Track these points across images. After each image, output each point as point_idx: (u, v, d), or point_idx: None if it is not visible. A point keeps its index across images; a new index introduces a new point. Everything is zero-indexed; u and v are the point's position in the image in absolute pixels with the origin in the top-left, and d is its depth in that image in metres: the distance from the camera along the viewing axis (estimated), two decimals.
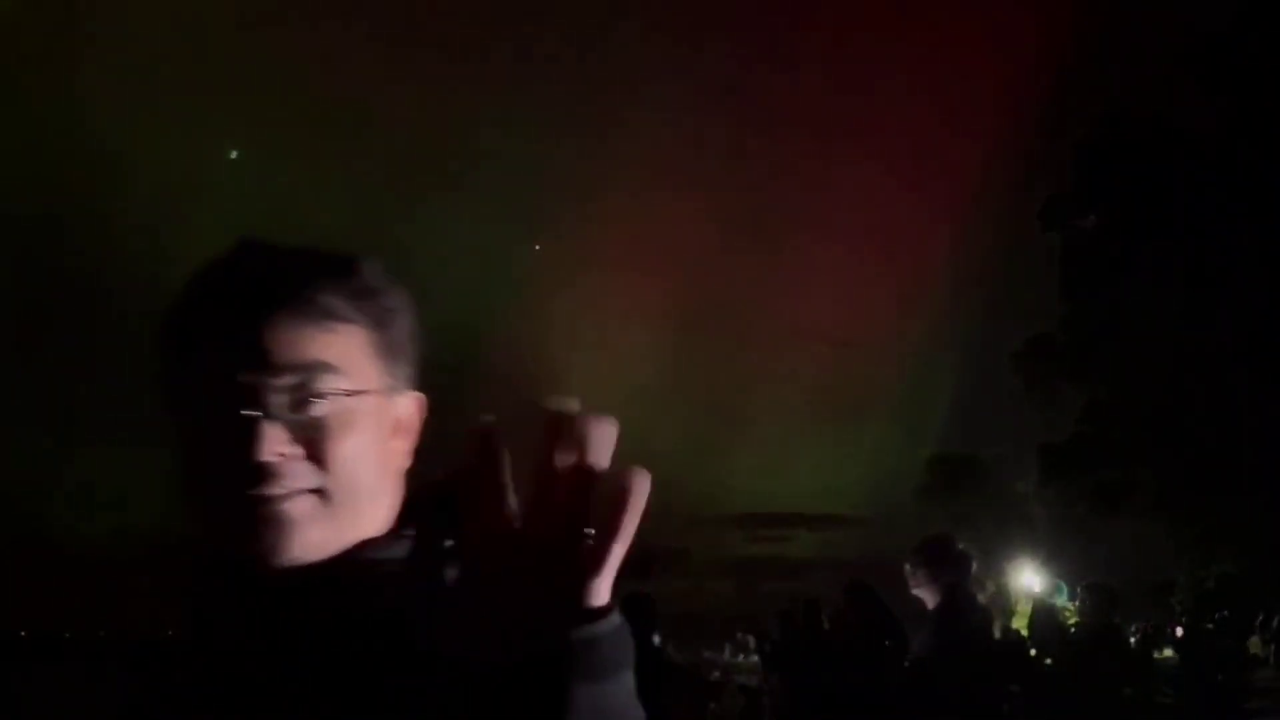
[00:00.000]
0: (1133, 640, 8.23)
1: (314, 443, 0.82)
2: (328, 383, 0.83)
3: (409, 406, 0.91)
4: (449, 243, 29.02)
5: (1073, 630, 7.13)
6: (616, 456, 0.61)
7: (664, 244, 30.83)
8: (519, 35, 29.81)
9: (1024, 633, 10.94)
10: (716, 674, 13.36)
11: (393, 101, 28.57)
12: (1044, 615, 9.44)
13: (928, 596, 3.41)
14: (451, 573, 0.67)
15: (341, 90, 27.83)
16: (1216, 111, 17.53)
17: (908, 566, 3.45)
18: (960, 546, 3.72)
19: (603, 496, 0.63)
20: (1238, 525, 15.93)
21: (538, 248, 32.08)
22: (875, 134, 29.42)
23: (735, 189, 31.30)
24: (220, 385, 0.80)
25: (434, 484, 0.68)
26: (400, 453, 0.89)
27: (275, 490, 0.80)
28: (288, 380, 0.82)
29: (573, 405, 0.63)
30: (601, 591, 0.64)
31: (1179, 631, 10.78)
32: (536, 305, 31.40)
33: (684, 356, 31.18)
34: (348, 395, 0.84)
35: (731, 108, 31.62)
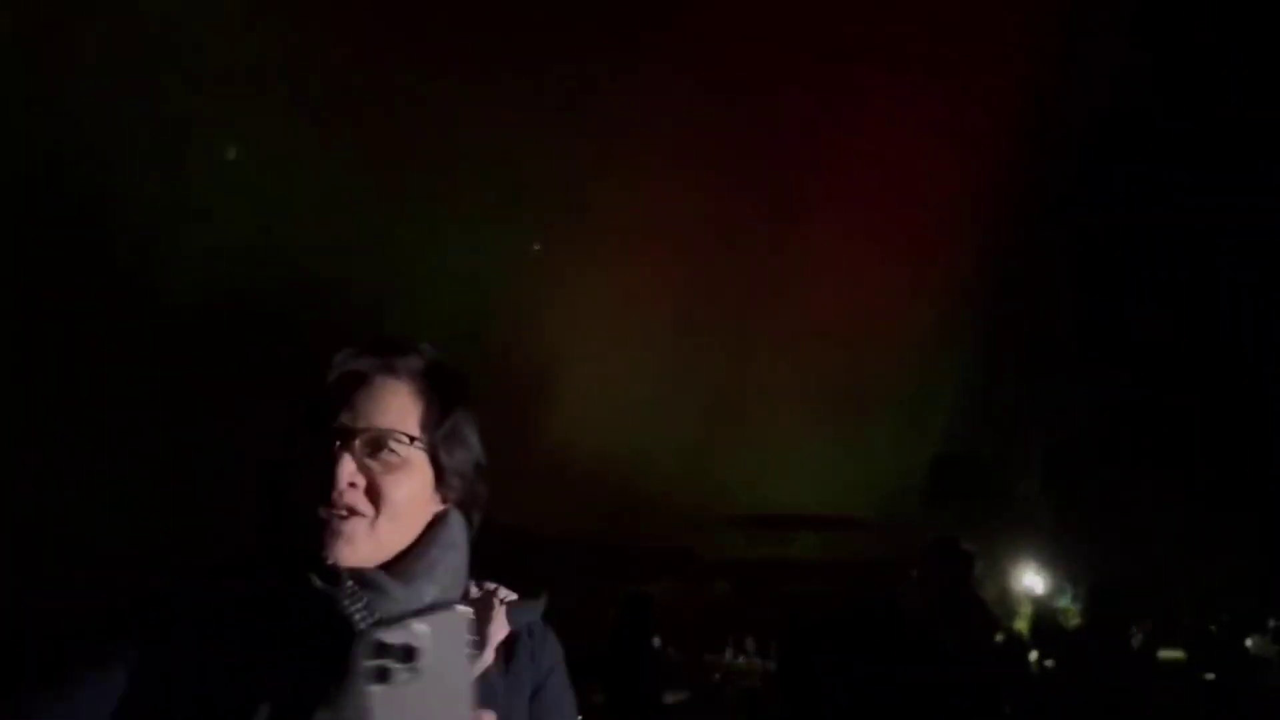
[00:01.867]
0: (1135, 641, 8.21)
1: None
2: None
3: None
4: (448, 241, 29.01)
5: (1075, 631, 7.11)
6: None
7: (665, 243, 30.81)
8: (520, 30, 29.75)
9: (1025, 634, 10.92)
10: (717, 676, 13.33)
11: (392, 99, 28.57)
12: (1046, 616, 9.43)
13: (931, 598, 3.41)
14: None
15: (341, 89, 27.85)
16: (1217, 109, 17.51)
17: (914, 570, 3.46)
18: (964, 547, 3.72)
19: None
20: (1241, 525, 15.91)
21: (537, 247, 32.01)
22: (876, 133, 29.38)
23: (736, 189, 31.28)
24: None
25: None
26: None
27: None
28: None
29: None
30: None
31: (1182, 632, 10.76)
32: (536, 305, 31.36)
33: (685, 356, 31.15)
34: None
35: (733, 105, 31.59)
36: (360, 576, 1.04)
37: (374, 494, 1.08)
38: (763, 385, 31.45)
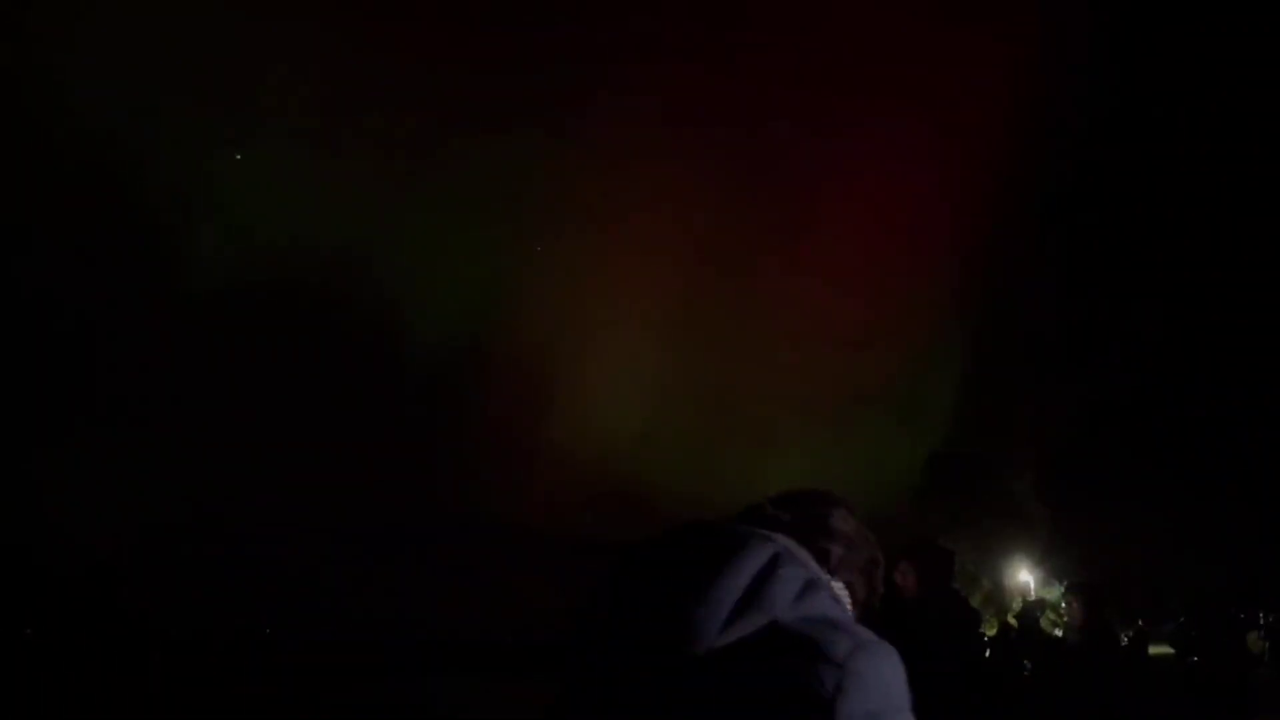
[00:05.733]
0: (1126, 639, 8.29)
1: None
2: None
3: None
4: (448, 242, 29.04)
5: (1058, 633, 7.17)
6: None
7: (664, 243, 30.84)
8: (519, 33, 29.78)
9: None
10: None
11: (391, 99, 28.59)
12: (1027, 614, 9.45)
13: (913, 597, 3.49)
14: None
15: (341, 88, 27.88)
16: (1217, 110, 17.57)
17: (896, 574, 3.53)
18: (941, 545, 3.81)
19: None
20: (1233, 522, 15.99)
21: (538, 249, 32.06)
22: (875, 132, 29.42)
23: (735, 189, 31.31)
24: None
25: None
26: None
27: None
28: None
29: None
30: None
31: (1176, 629, 10.81)
32: (537, 306, 31.39)
33: (685, 357, 31.17)
34: None
35: (732, 105, 31.61)
36: None
37: None
38: (762, 385, 31.50)
